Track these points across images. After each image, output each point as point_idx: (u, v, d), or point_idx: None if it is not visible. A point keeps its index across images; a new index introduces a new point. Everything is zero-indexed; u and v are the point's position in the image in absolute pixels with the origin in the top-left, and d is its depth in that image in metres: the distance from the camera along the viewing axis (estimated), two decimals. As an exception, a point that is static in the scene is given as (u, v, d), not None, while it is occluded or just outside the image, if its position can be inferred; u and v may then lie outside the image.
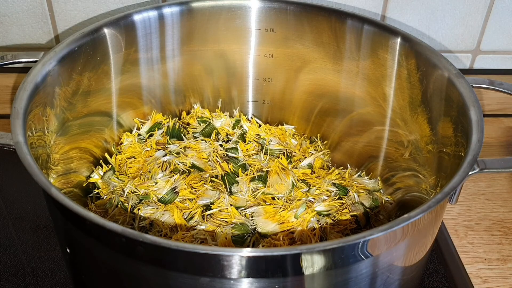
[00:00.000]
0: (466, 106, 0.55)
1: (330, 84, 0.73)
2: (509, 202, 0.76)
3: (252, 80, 0.77)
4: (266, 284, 0.44)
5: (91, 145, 0.69)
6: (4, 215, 0.72)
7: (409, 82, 0.65)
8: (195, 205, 0.64)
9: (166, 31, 0.70)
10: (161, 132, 0.74)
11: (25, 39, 0.82)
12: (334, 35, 0.69)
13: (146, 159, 0.70)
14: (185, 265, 0.43)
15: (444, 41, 0.85)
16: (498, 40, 0.85)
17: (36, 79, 0.56)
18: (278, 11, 0.70)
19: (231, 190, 0.66)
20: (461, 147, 0.54)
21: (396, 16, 0.82)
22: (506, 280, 0.66)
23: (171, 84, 0.75)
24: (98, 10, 0.80)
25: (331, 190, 0.66)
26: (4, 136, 0.52)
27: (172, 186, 0.65)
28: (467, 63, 0.88)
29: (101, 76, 0.67)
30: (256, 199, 0.65)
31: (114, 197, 0.65)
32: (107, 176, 0.68)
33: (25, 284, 0.63)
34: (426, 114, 0.63)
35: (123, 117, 0.73)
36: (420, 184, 0.63)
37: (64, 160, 0.62)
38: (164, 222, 0.62)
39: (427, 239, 0.53)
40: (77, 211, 0.43)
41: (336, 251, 0.43)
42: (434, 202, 0.45)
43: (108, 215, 0.63)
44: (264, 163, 0.70)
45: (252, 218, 0.62)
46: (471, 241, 0.71)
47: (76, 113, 0.64)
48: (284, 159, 0.70)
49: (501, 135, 0.87)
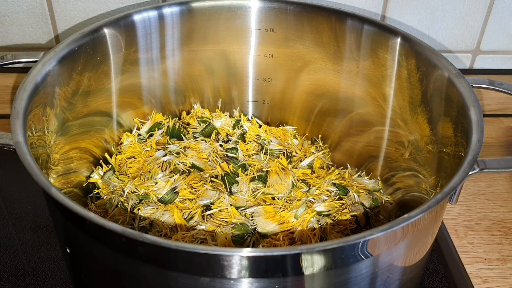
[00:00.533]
0: (466, 106, 0.55)
1: (330, 84, 0.73)
2: (509, 202, 0.76)
3: (252, 80, 0.77)
4: (266, 284, 0.44)
5: (91, 145, 0.69)
6: (4, 215, 0.72)
7: (409, 82, 0.65)
8: (195, 205, 0.64)
9: (166, 31, 0.70)
10: (161, 132, 0.74)
11: (25, 39, 0.82)
12: (334, 35, 0.69)
13: (146, 159, 0.70)
14: (185, 265, 0.43)
15: (444, 41, 0.85)
16: (498, 40, 0.85)
17: (36, 79, 0.56)
18: (278, 11, 0.70)
19: (231, 190, 0.66)
20: (461, 147, 0.54)
21: (396, 16, 0.82)
22: (506, 280, 0.66)
23: (171, 84, 0.75)
24: (98, 10, 0.80)
25: (331, 190, 0.66)
26: (4, 136, 0.52)
27: (172, 186, 0.65)
28: (467, 63, 0.88)
29: (101, 76, 0.67)
30: (256, 199, 0.65)
31: (114, 197, 0.65)
32: (107, 176, 0.68)
33: (25, 284, 0.63)
34: (426, 114, 0.63)
35: (123, 117, 0.73)
36: (420, 184, 0.63)
37: (64, 160, 0.62)
38: (164, 222, 0.62)
39: (427, 239, 0.53)
40: (77, 211, 0.43)
41: (336, 251, 0.43)
42: (434, 202, 0.45)
43: (108, 215, 0.63)
44: (264, 163, 0.70)
45: (252, 218, 0.62)
46: (471, 241, 0.71)
47: (76, 113, 0.64)
48: (284, 159, 0.70)
49: (501, 135, 0.87)
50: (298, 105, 0.77)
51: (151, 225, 0.62)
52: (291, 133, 0.77)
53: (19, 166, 0.46)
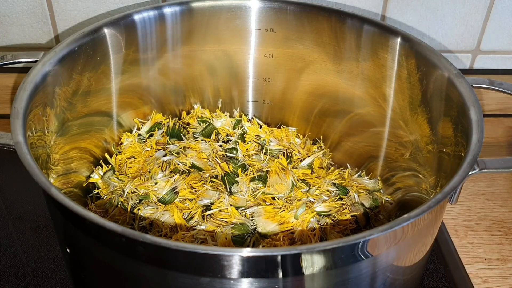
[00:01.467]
0: (466, 106, 0.55)
1: (330, 84, 0.73)
2: (509, 202, 0.76)
3: (252, 80, 0.77)
4: (266, 284, 0.44)
5: (91, 145, 0.69)
6: (4, 215, 0.72)
7: (409, 82, 0.65)
8: (195, 205, 0.64)
9: (166, 31, 0.70)
10: (161, 132, 0.74)
11: (25, 39, 0.82)
12: (334, 35, 0.69)
13: (146, 159, 0.70)
14: (185, 265, 0.43)
15: (444, 41, 0.85)
16: (498, 40, 0.85)
17: (36, 79, 0.56)
18: (278, 11, 0.70)
19: (231, 190, 0.66)
20: (461, 147, 0.54)
21: (396, 16, 0.82)
22: (506, 280, 0.66)
23: (171, 84, 0.75)
24: (98, 10, 0.80)
25: (331, 190, 0.66)
26: (4, 136, 0.52)
27: (172, 186, 0.65)
28: (467, 63, 0.88)
29: (101, 76, 0.67)
30: (256, 199, 0.65)
31: (114, 197, 0.65)
32: (107, 176, 0.68)
33: (25, 284, 0.63)
34: (426, 114, 0.63)
35: (123, 117, 0.73)
36: (420, 184, 0.63)
37: (64, 160, 0.62)
38: (164, 222, 0.62)
39: (427, 239, 0.53)
40: (77, 211, 0.43)
41: (336, 251, 0.43)
42: (434, 202, 0.45)
43: (108, 215, 0.64)
44: (264, 163, 0.70)
45: (252, 218, 0.62)
46: (471, 241, 0.71)
47: (76, 113, 0.64)
48: (284, 159, 0.70)
49: (501, 135, 0.87)
50: (298, 105, 0.77)
51: (151, 225, 0.62)
52: (293, 133, 0.77)
53: (19, 166, 0.46)
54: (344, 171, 0.72)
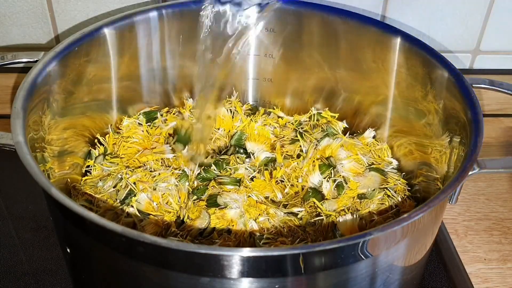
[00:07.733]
0: (466, 106, 0.55)
1: (330, 84, 0.73)
2: (509, 202, 0.76)
3: (252, 80, 0.77)
4: (266, 284, 0.44)
5: (91, 145, 0.69)
6: (4, 215, 0.72)
7: (409, 82, 0.65)
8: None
9: (166, 31, 0.70)
10: (173, 125, 0.72)
11: (25, 39, 0.82)
12: (334, 35, 0.69)
13: (151, 146, 0.68)
14: (185, 265, 0.43)
15: (444, 41, 0.85)
16: (498, 40, 0.85)
17: (36, 79, 0.56)
18: (278, 11, 0.70)
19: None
20: (461, 147, 0.54)
21: (396, 16, 0.82)
22: (506, 280, 0.66)
23: (171, 85, 0.75)
24: (98, 10, 0.80)
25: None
26: (4, 136, 0.52)
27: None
28: (467, 63, 0.88)
29: (101, 76, 0.67)
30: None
31: (107, 180, 0.63)
32: (98, 161, 0.66)
33: (25, 284, 0.63)
34: (426, 114, 0.63)
35: (123, 117, 0.73)
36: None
37: (64, 161, 0.62)
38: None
39: (427, 239, 0.53)
40: (77, 211, 0.43)
41: (336, 251, 0.43)
42: (434, 202, 0.45)
43: (94, 203, 0.62)
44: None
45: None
46: (471, 241, 0.71)
47: (76, 114, 0.64)
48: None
49: (501, 135, 0.87)
50: (298, 105, 0.77)
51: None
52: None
53: (19, 166, 0.46)
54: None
